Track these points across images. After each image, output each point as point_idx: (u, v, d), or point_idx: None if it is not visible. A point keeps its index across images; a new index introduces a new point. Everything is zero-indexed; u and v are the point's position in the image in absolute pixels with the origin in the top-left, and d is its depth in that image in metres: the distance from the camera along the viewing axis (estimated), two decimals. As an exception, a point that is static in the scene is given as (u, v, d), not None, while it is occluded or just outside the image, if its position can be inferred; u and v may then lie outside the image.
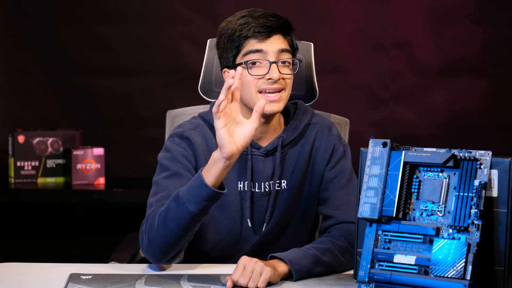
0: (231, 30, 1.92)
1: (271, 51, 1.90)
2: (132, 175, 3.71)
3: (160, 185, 1.89)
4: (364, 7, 3.70)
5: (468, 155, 1.54)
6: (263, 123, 1.95)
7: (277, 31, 1.91)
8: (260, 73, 1.90)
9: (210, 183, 1.69)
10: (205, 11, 3.65)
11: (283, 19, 1.94)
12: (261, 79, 1.90)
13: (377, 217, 1.57)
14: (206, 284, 1.69)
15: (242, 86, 1.91)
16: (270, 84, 1.89)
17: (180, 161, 1.92)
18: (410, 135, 3.74)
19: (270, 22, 1.90)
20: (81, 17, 3.68)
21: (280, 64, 1.90)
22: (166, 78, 3.72)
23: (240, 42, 1.91)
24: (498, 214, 1.51)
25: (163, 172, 1.92)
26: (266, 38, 1.90)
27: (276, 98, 1.90)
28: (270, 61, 1.89)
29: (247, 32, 1.90)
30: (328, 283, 1.73)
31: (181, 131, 1.97)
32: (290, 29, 1.96)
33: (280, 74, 1.89)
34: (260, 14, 1.92)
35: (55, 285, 1.69)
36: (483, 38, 3.72)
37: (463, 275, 1.47)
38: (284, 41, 1.93)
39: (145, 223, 1.81)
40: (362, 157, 1.65)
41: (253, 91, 1.90)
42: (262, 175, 1.97)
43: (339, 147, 2.03)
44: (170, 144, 1.96)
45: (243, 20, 1.91)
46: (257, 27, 1.89)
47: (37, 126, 3.67)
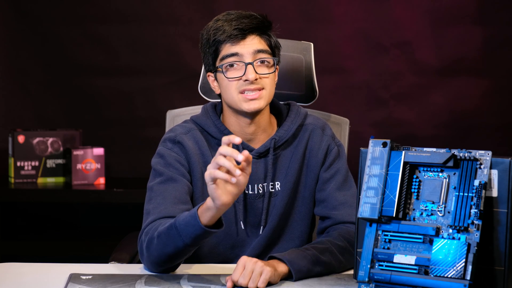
0: (207, 36, 1.94)
1: (247, 52, 1.90)
2: (132, 175, 3.71)
3: (155, 191, 1.90)
4: (364, 7, 3.70)
5: (468, 155, 1.54)
6: (249, 123, 1.96)
7: (251, 32, 1.91)
8: (236, 75, 1.90)
9: (205, 223, 1.69)
10: (205, 11, 3.66)
11: (258, 19, 1.93)
12: (239, 81, 1.90)
13: (377, 217, 1.57)
14: (206, 284, 1.69)
15: (223, 89, 1.94)
16: (248, 85, 1.90)
17: (174, 166, 1.93)
18: (410, 135, 3.74)
19: (243, 24, 1.90)
20: (81, 17, 3.68)
21: (257, 64, 1.91)
22: (166, 78, 3.72)
23: (216, 47, 1.92)
24: (498, 214, 1.51)
25: (157, 177, 1.92)
26: (241, 40, 1.90)
27: (255, 96, 1.90)
28: (245, 63, 1.90)
29: (220, 37, 1.91)
30: (328, 283, 1.73)
31: (173, 136, 1.97)
32: (268, 28, 1.95)
33: (256, 74, 1.90)
34: (234, 16, 1.92)
35: (55, 285, 1.69)
36: (483, 38, 3.72)
37: (463, 275, 1.47)
38: (260, 41, 1.93)
39: (145, 235, 1.82)
40: (362, 157, 1.64)
41: (234, 93, 1.91)
42: (254, 177, 1.97)
43: (334, 147, 2.03)
44: (163, 149, 1.96)
45: (218, 24, 1.92)
46: (229, 30, 1.90)
47: (37, 126, 3.67)
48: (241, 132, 1.97)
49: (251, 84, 1.90)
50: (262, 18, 1.94)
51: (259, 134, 1.99)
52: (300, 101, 2.25)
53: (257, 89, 1.91)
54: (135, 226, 2.06)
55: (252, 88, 1.90)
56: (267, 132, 2.00)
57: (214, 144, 1.97)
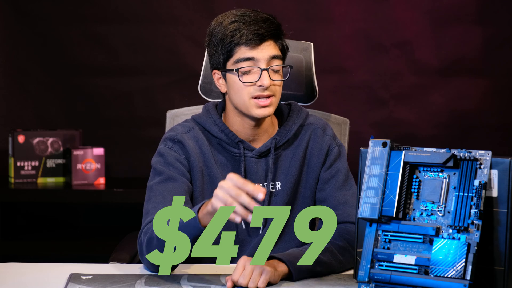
0: (222, 35, 1.91)
1: (263, 58, 1.90)
2: (132, 175, 3.71)
3: (155, 191, 1.90)
4: (364, 7, 3.70)
5: (468, 155, 1.54)
6: (253, 125, 1.96)
7: (268, 37, 1.91)
8: (251, 80, 1.90)
9: (205, 225, 1.69)
10: (205, 11, 3.65)
11: (275, 24, 1.92)
12: (253, 86, 1.90)
13: (377, 217, 1.57)
14: (206, 284, 1.69)
15: (234, 91, 1.93)
16: (261, 91, 1.90)
17: (174, 165, 1.93)
18: (410, 135, 3.74)
19: (262, 29, 1.89)
20: (81, 17, 3.68)
21: (270, 71, 1.91)
22: (166, 78, 3.72)
23: (231, 48, 1.90)
24: (498, 214, 1.52)
25: (157, 176, 1.93)
26: (258, 45, 1.90)
27: (267, 103, 1.91)
28: (261, 68, 1.89)
29: (238, 39, 1.89)
30: (328, 283, 1.73)
31: (174, 135, 1.97)
32: (282, 34, 1.95)
33: (271, 81, 1.90)
34: (252, 19, 1.90)
35: (55, 285, 1.69)
36: (483, 38, 3.72)
37: (463, 275, 1.48)
38: (275, 47, 1.92)
39: (144, 235, 1.82)
40: (362, 157, 1.65)
41: (245, 97, 1.91)
42: (255, 177, 1.97)
43: (334, 147, 2.03)
44: (163, 148, 1.97)
45: (234, 26, 1.90)
46: (248, 34, 1.88)
47: (37, 126, 3.67)
48: (243, 132, 1.97)
49: (264, 91, 1.90)
50: (278, 23, 1.93)
51: (261, 135, 1.99)
52: (300, 101, 2.25)
53: (269, 95, 1.91)
54: (135, 226, 2.06)
55: (265, 94, 1.90)
56: (268, 132, 2.00)
57: (215, 143, 1.98)
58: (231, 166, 1.96)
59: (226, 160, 1.97)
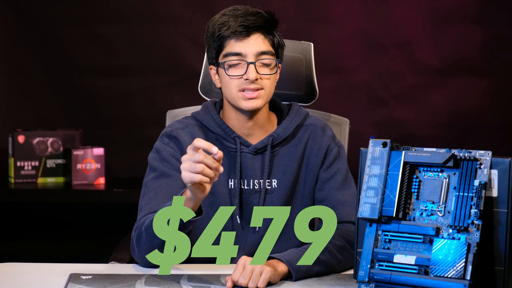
0: (212, 29, 1.95)
1: (250, 53, 1.91)
2: (132, 175, 3.71)
3: (149, 187, 1.92)
4: (364, 7, 3.70)
5: (468, 155, 1.54)
6: (248, 119, 1.97)
7: (256, 30, 1.91)
8: (237, 73, 1.91)
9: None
10: (205, 11, 3.66)
11: (264, 17, 1.93)
12: (240, 79, 1.91)
13: (377, 217, 1.57)
14: (206, 284, 1.69)
15: (224, 85, 1.95)
16: (248, 84, 1.91)
17: (169, 161, 1.94)
18: (410, 135, 3.74)
19: (248, 22, 1.90)
20: (81, 17, 3.68)
21: (259, 64, 1.91)
22: (166, 78, 3.72)
23: (220, 42, 1.93)
24: (498, 214, 1.52)
25: (152, 173, 1.94)
26: (245, 38, 1.91)
27: (254, 96, 1.92)
28: (247, 62, 1.90)
29: (225, 32, 1.91)
30: (328, 283, 1.73)
31: (170, 131, 1.99)
32: (273, 27, 1.95)
33: (257, 74, 1.90)
34: (241, 12, 1.92)
35: (55, 285, 1.69)
36: (483, 38, 3.72)
37: (463, 275, 1.48)
38: (264, 41, 1.93)
39: (134, 231, 1.85)
40: (362, 157, 1.65)
41: (233, 90, 1.92)
42: (251, 172, 1.98)
43: (334, 147, 2.03)
44: (159, 144, 1.98)
45: (223, 19, 1.92)
46: (235, 26, 1.90)
47: (37, 126, 3.67)
48: (239, 127, 1.98)
49: (251, 84, 1.91)
50: (269, 16, 1.94)
51: (257, 130, 2.00)
52: (300, 101, 2.25)
53: (257, 88, 1.92)
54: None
55: (252, 87, 1.91)
56: (265, 129, 2.01)
57: (212, 139, 1.98)
58: (227, 162, 1.97)
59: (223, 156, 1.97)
